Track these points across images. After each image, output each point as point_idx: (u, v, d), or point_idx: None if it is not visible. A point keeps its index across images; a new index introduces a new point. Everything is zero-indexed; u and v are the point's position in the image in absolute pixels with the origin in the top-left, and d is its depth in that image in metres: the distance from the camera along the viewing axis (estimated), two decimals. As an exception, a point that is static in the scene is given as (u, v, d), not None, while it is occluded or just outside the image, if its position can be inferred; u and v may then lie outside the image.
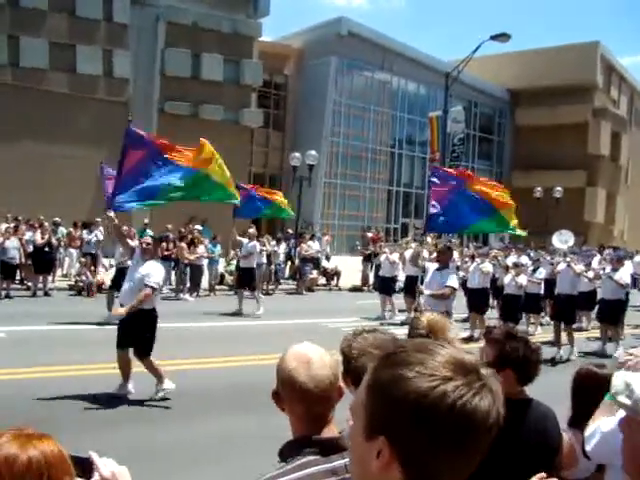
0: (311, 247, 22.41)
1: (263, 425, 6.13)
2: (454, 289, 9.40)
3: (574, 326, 13.24)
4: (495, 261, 16.48)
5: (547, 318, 15.55)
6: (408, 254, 15.69)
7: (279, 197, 15.15)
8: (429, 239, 20.22)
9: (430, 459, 1.04)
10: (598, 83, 45.91)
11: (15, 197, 23.24)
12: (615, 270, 13.55)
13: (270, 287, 20.97)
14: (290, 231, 25.48)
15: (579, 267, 13.65)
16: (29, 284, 17.66)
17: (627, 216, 51.65)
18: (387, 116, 41.18)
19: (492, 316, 14.54)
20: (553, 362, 11.38)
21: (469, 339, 12.99)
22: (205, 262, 19.58)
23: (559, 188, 36.24)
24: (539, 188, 36.72)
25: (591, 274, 14.62)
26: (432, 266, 10.14)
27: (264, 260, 19.95)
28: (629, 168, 52.09)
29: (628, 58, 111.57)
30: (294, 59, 38.22)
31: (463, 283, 14.72)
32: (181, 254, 18.62)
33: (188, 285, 18.91)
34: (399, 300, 16.58)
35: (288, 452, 1.93)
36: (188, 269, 18.83)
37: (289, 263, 23.58)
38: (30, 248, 17.37)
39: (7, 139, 26.06)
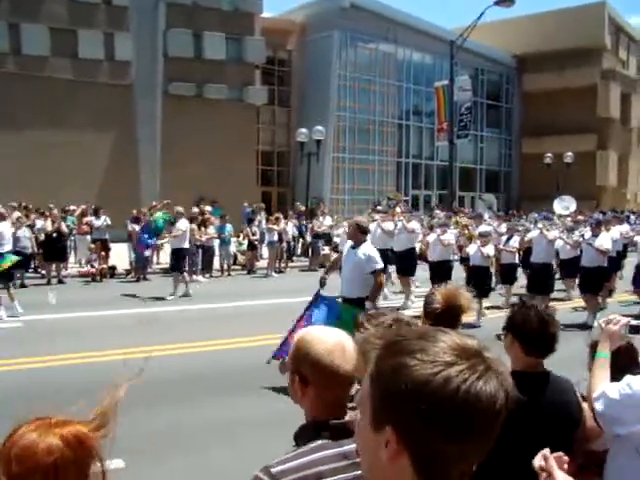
0: (323, 223, 22.33)
1: (271, 407, 6.21)
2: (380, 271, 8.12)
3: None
4: (465, 230, 15.93)
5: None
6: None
7: None
8: (398, 209, 19.83)
9: (438, 446, 1.03)
10: (606, 44, 45.27)
11: (21, 185, 23.28)
12: (595, 236, 12.72)
13: (282, 265, 21.00)
14: (302, 208, 25.41)
15: (552, 233, 12.92)
16: (43, 272, 17.75)
17: (640, 178, 51.24)
18: (393, 88, 40.83)
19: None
20: None
21: None
22: (216, 243, 19.57)
23: (570, 153, 35.95)
24: (549, 154, 36.42)
25: (570, 240, 13.76)
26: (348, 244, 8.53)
27: (275, 238, 19.95)
28: (640, 130, 51.53)
29: (636, 17, 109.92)
30: (297, 34, 37.86)
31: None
32: (192, 236, 18.58)
33: (200, 266, 18.91)
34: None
35: (303, 435, 1.92)
36: (200, 250, 18.81)
37: (301, 240, 23.55)
38: (42, 237, 17.43)
39: (12, 127, 26.02)
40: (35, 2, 27.35)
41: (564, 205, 17.96)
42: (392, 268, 15.00)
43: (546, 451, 1.97)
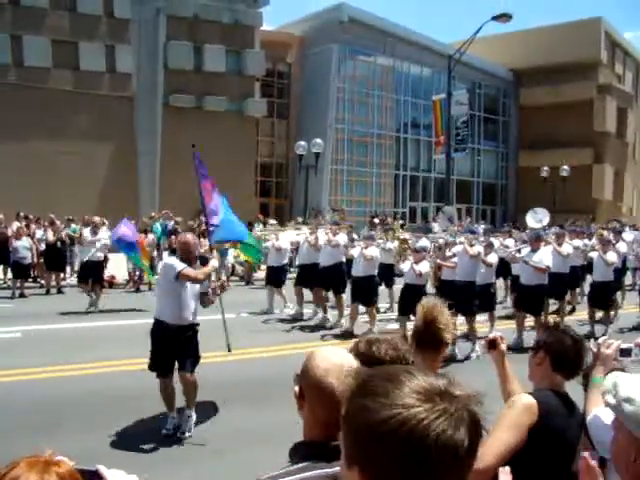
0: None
1: (276, 418, 6.32)
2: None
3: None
4: (404, 245, 15.13)
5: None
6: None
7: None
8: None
9: None
10: (602, 59, 45.56)
11: (22, 195, 23.45)
12: (534, 251, 11.57)
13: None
14: (300, 219, 25.55)
15: (475, 249, 11.46)
16: (42, 282, 17.89)
17: (635, 192, 51.41)
18: (391, 101, 41.07)
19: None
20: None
21: (349, 334, 11.76)
22: (214, 254, 19.71)
23: (566, 167, 36.18)
24: (546, 167, 36.67)
25: (491, 258, 11.67)
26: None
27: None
28: (636, 144, 51.73)
29: (631, 32, 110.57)
30: (296, 47, 38.15)
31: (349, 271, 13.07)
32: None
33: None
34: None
35: (295, 453, 1.94)
36: (198, 261, 18.95)
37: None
38: (42, 246, 17.59)
39: (13, 138, 26.23)
40: (37, 14, 27.63)
41: (537, 218, 17.52)
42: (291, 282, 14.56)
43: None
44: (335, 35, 36.71)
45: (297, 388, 2.01)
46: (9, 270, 17.29)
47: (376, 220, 26.42)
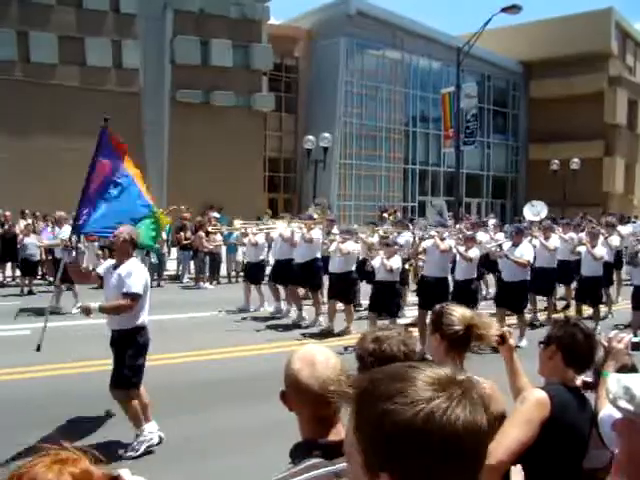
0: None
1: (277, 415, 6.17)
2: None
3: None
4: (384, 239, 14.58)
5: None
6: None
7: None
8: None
9: (435, 478, 1.06)
10: (613, 51, 45.16)
11: (28, 191, 23.41)
12: (515, 246, 11.23)
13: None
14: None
15: (447, 243, 10.97)
16: (51, 279, 17.82)
17: (647, 185, 51.05)
18: (400, 94, 40.84)
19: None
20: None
21: (328, 333, 11.55)
22: (223, 250, 19.65)
23: (576, 160, 35.82)
24: (556, 160, 36.32)
25: (471, 253, 11.01)
26: None
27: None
28: (647, 136, 51.37)
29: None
30: (304, 41, 37.95)
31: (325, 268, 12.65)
32: (200, 243, 18.67)
33: (207, 274, 18.98)
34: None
35: (296, 454, 1.96)
36: (207, 258, 18.89)
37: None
38: (49, 243, 17.49)
39: (20, 135, 26.19)
40: (44, 10, 27.54)
41: (535, 211, 17.15)
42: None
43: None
44: (343, 28, 36.50)
45: (281, 390, 2.06)
46: (17, 267, 17.24)
47: (385, 215, 26.23)
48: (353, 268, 12.11)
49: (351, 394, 1.18)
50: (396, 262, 10.64)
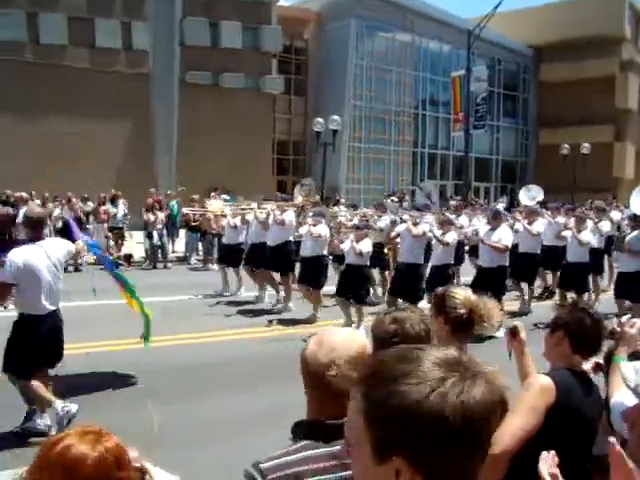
0: (341, 210, 22.28)
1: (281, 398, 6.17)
2: None
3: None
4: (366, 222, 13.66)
5: None
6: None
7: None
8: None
9: (452, 463, 1.04)
10: (626, 34, 44.68)
11: (37, 173, 23.51)
12: (493, 230, 10.75)
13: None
14: (317, 197, 25.42)
15: (420, 228, 10.64)
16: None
17: (658, 170, 50.69)
18: (410, 77, 40.64)
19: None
20: None
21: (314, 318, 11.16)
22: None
23: (586, 144, 35.62)
24: (566, 145, 36.12)
25: (448, 237, 10.59)
26: None
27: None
28: (659, 121, 50.93)
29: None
30: (313, 23, 37.77)
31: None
32: (207, 225, 18.72)
33: (215, 255, 19.04)
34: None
35: (296, 432, 1.96)
36: (215, 240, 18.96)
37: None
38: (59, 224, 17.60)
39: (29, 116, 26.25)
40: (54, -9, 27.51)
41: (531, 195, 16.83)
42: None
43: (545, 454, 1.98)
44: (353, 10, 36.27)
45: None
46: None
47: (394, 198, 26.20)
48: (325, 252, 11.67)
49: (356, 377, 1.16)
50: (366, 246, 10.31)
